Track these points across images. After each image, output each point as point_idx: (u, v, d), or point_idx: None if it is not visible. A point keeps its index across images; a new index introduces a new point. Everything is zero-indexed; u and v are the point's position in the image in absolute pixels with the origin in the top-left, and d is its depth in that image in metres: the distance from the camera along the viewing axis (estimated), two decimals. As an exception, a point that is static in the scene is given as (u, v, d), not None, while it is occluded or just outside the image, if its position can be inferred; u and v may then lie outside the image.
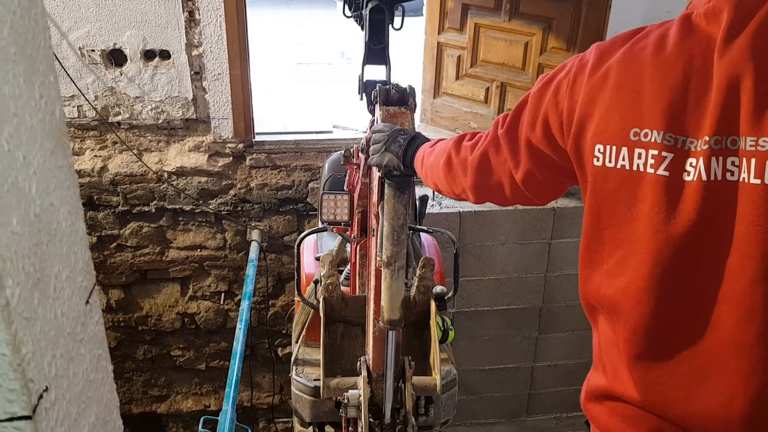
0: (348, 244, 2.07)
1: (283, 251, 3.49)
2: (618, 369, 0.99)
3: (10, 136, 0.49)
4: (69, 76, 2.95)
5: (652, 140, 0.89)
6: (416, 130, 1.39)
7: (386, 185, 1.30)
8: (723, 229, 0.86)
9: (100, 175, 3.20)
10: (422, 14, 3.34)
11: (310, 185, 3.32)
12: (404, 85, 1.46)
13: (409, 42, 3.03)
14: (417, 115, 2.46)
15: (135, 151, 3.17)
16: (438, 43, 3.28)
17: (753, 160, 0.82)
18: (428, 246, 2.40)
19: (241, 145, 3.20)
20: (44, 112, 0.55)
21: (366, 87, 1.82)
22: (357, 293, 1.86)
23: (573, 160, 0.99)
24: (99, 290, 3.40)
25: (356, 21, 2.00)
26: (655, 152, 0.88)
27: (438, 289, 1.73)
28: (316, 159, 3.27)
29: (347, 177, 2.04)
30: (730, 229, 0.86)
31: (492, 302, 3.23)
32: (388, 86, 1.43)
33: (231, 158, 3.23)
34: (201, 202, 3.30)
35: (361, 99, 1.84)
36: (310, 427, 2.06)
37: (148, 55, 2.99)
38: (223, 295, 3.58)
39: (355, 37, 1.96)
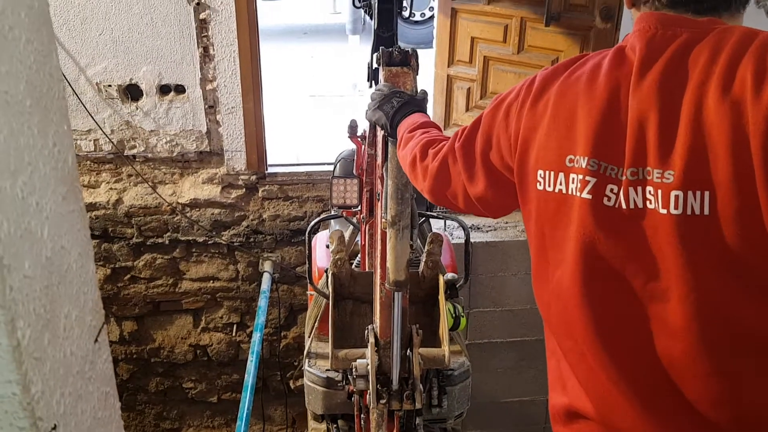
0: (358, 235, 2.07)
1: (295, 282, 3.49)
2: (576, 386, 1.04)
3: (24, 184, 0.51)
4: (87, 110, 3.01)
5: (580, 166, 0.95)
6: (417, 92, 1.40)
7: (389, 143, 1.33)
8: (647, 252, 0.91)
9: (115, 207, 3.25)
10: (432, 47, 3.38)
11: (322, 216, 3.34)
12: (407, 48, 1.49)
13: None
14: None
15: (150, 184, 3.21)
16: (448, 75, 3.32)
17: (659, 192, 0.88)
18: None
19: (253, 177, 3.24)
20: (57, 159, 0.57)
21: (375, 74, 1.84)
22: None
23: (516, 181, 1.06)
24: (112, 322, 3.44)
25: (366, 11, 2.04)
26: (581, 177, 0.95)
27: (449, 276, 1.74)
28: (328, 190, 3.29)
29: (355, 160, 2.04)
30: (653, 252, 0.91)
31: (505, 334, 3.20)
32: (391, 48, 1.46)
33: (244, 190, 3.27)
34: (214, 233, 3.33)
35: (371, 86, 1.84)
36: (324, 423, 2.01)
37: (164, 89, 3.06)
38: (235, 326, 3.58)
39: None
